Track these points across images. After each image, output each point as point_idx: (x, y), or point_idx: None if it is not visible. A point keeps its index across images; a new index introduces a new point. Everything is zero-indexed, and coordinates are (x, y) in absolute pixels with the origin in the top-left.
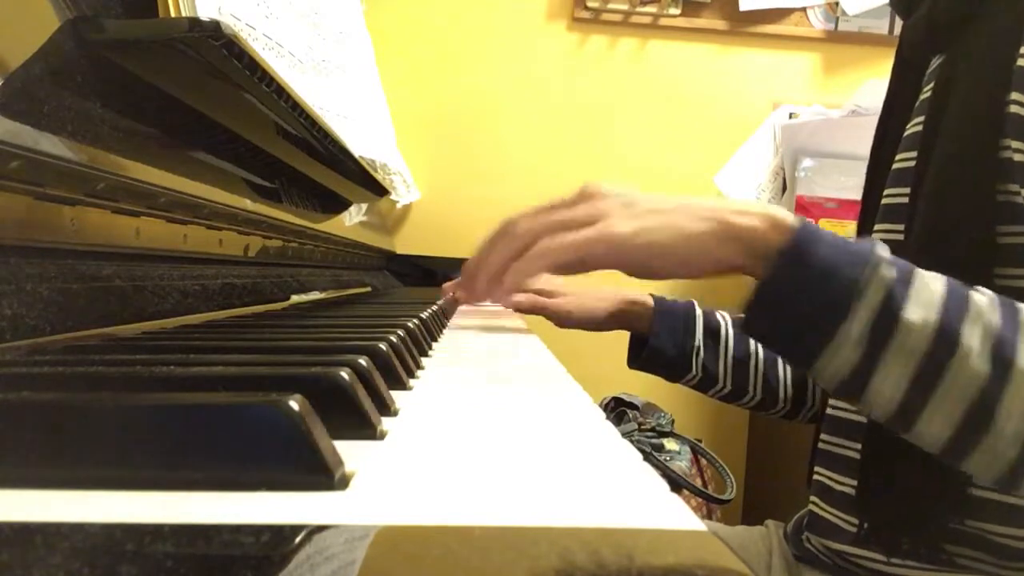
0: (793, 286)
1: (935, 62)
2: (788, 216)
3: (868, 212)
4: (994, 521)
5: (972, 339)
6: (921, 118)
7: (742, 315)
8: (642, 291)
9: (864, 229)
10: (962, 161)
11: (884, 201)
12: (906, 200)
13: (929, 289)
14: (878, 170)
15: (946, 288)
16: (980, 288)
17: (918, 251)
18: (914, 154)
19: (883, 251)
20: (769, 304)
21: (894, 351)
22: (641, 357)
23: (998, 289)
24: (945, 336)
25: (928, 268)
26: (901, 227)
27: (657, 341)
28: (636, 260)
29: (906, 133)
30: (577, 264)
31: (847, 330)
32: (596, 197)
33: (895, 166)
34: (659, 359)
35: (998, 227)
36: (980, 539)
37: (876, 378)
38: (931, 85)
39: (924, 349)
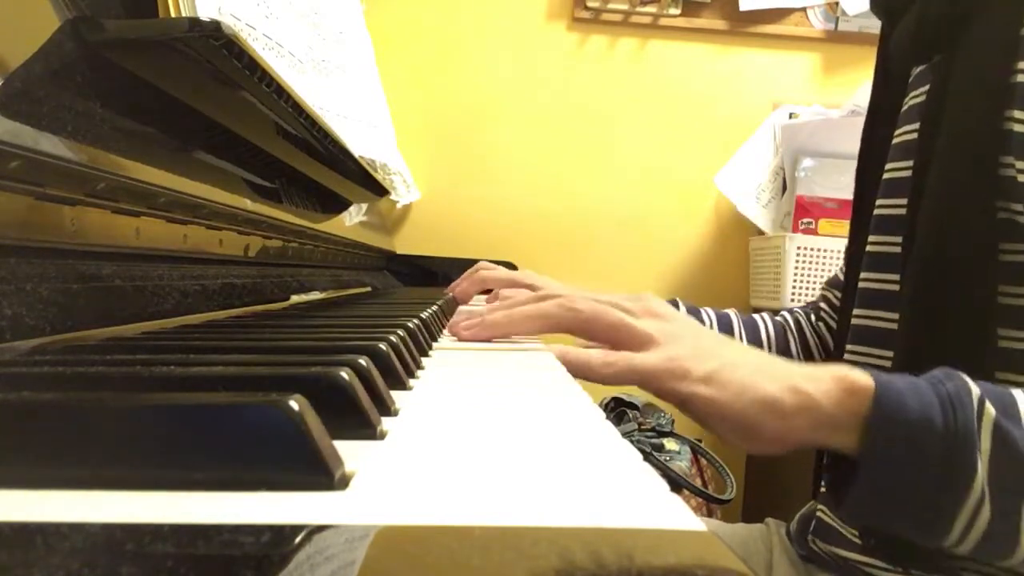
0: (900, 454)
1: (917, 69)
2: (861, 375)
3: (860, 221)
4: None
5: None
6: (910, 126)
7: (838, 502)
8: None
9: (857, 239)
10: (964, 174)
11: (878, 211)
12: (902, 211)
13: None
14: (867, 178)
15: None
16: None
17: (918, 266)
18: (907, 163)
19: (974, 385)
20: (877, 481)
21: None
22: None
23: (1004, 308)
24: None
25: (931, 285)
26: (896, 239)
27: None
28: (698, 410)
29: (895, 141)
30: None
31: (975, 488)
32: (660, 315)
33: (887, 175)
34: None
35: (1000, 245)
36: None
37: (1022, 525)
38: (920, 90)
39: None
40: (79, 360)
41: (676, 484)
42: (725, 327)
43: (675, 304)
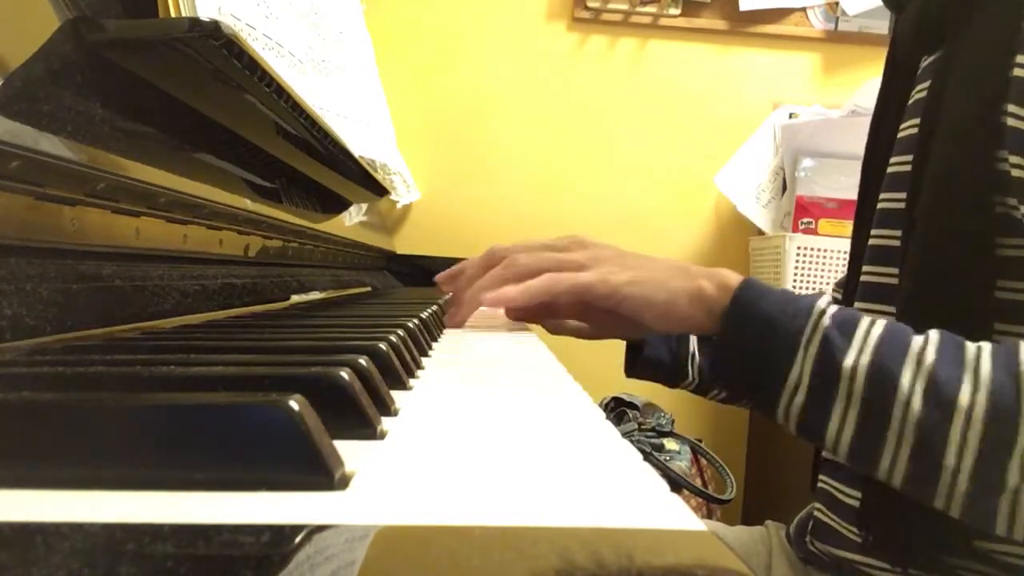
0: (740, 341)
1: (926, 60)
2: (733, 277)
3: (864, 215)
4: (999, 540)
5: (907, 380)
6: (913, 120)
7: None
8: None
9: (860, 233)
10: (961, 169)
11: (880, 205)
12: (903, 205)
13: (868, 335)
14: (872, 172)
15: (886, 332)
16: (937, 331)
17: (916, 260)
18: (909, 158)
19: (824, 303)
20: (725, 358)
21: (840, 397)
22: (637, 365)
23: (1000, 303)
24: (882, 379)
25: (929, 280)
26: (897, 232)
27: (651, 350)
28: (628, 307)
29: (900, 135)
30: (574, 300)
31: (792, 378)
32: (589, 246)
33: (890, 169)
34: (655, 368)
35: (997, 239)
36: (982, 554)
37: (830, 424)
38: (924, 85)
39: (864, 394)
40: (79, 360)
41: (676, 484)
42: None
43: None
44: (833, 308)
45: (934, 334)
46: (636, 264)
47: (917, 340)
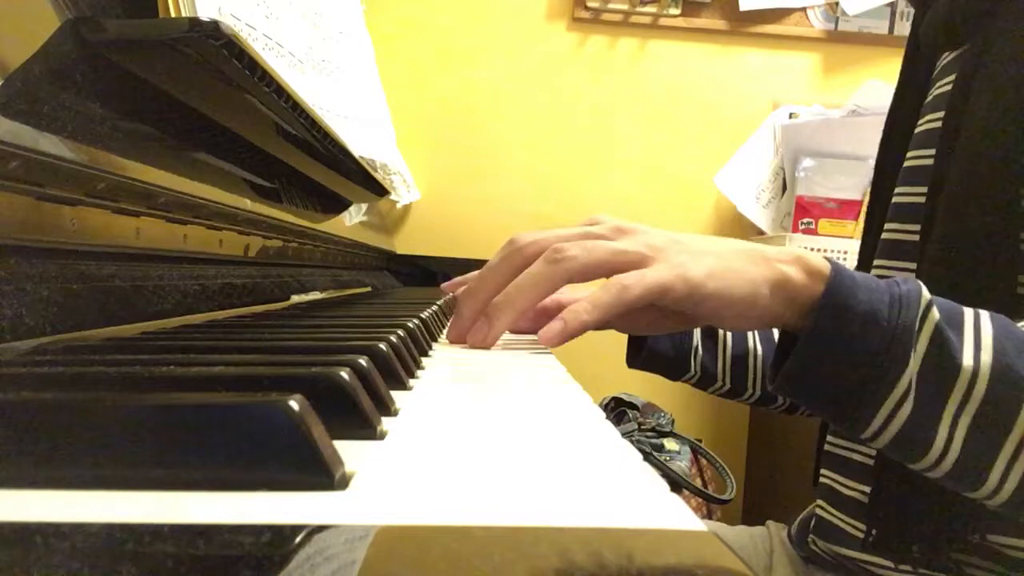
0: (838, 338)
1: (947, 57)
2: (819, 260)
3: (877, 209)
4: (1007, 534)
5: None
6: (935, 115)
7: (773, 372)
8: None
9: (872, 226)
10: (989, 163)
11: (895, 199)
12: (920, 199)
13: (979, 328)
14: (887, 167)
15: (996, 326)
16: None
17: (937, 254)
18: (928, 152)
19: (926, 289)
20: (812, 361)
21: (953, 401)
22: (640, 357)
23: (1020, 297)
24: (1007, 380)
25: (949, 272)
26: (913, 227)
27: (655, 342)
28: (709, 307)
29: (918, 130)
30: (645, 304)
31: (901, 382)
32: (632, 231)
33: (907, 163)
34: (657, 359)
35: (1022, 234)
36: (989, 549)
37: (939, 432)
38: (947, 79)
39: (986, 396)
40: (79, 360)
41: (676, 484)
42: (740, 334)
43: None
44: (931, 295)
45: None
46: (703, 249)
47: None
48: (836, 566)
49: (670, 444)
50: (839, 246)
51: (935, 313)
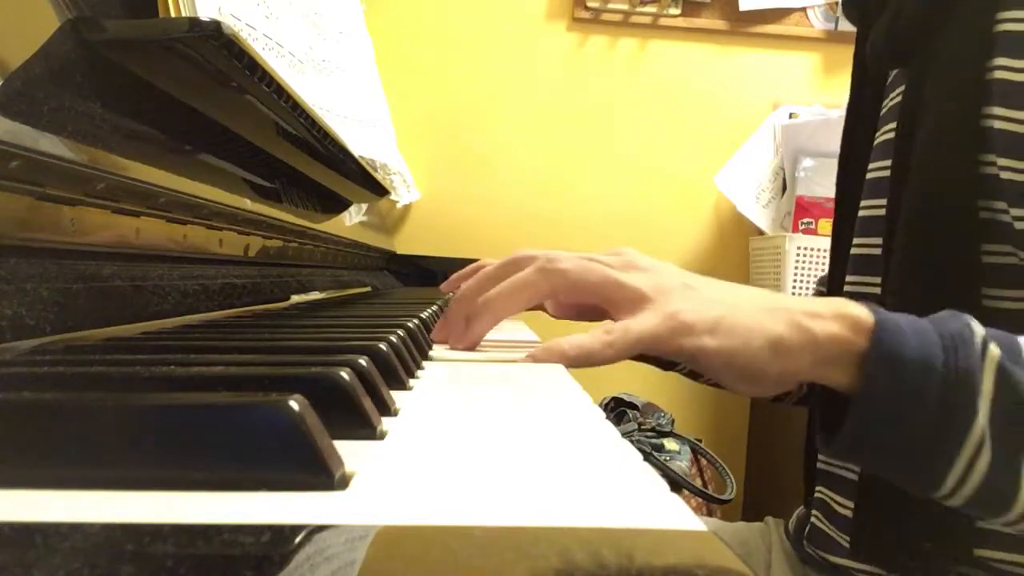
0: (896, 394)
1: (895, 72)
2: (861, 310)
3: (842, 225)
4: (1000, 549)
5: None
6: (890, 126)
7: (827, 442)
8: None
9: (840, 242)
10: (940, 178)
11: (862, 213)
12: (882, 212)
13: None
14: (848, 180)
15: None
16: None
17: (900, 270)
18: (887, 163)
19: (976, 324)
20: (869, 421)
21: None
22: None
23: (984, 310)
24: None
25: (912, 287)
26: (877, 240)
27: None
28: (708, 365)
29: (876, 142)
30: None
31: (974, 432)
32: (641, 267)
33: (870, 175)
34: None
35: (983, 246)
36: (981, 562)
37: (1022, 478)
38: (898, 91)
39: None
40: (79, 360)
41: (676, 484)
42: None
43: None
44: (984, 329)
45: None
46: (716, 298)
47: None
48: (830, 570)
49: (670, 444)
50: None
51: (994, 350)
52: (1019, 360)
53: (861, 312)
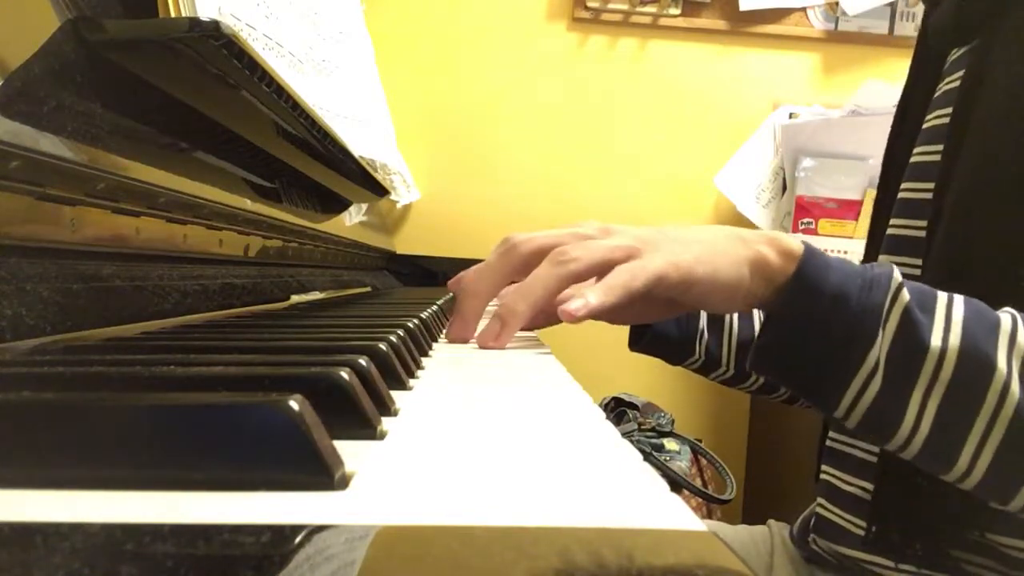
0: (807, 317)
1: (956, 53)
2: (793, 241)
3: (883, 206)
4: (1007, 534)
5: (1003, 362)
6: (943, 110)
7: (753, 351)
8: None
9: (878, 224)
10: (998, 159)
11: (901, 195)
12: (925, 195)
13: (950, 311)
14: (894, 163)
15: (968, 310)
16: (1006, 309)
17: (942, 250)
18: (935, 148)
19: (899, 273)
20: (782, 338)
21: (922, 382)
22: (643, 340)
23: None
24: (975, 362)
25: (953, 268)
26: (919, 223)
27: (660, 325)
28: (698, 292)
29: (925, 126)
30: (643, 294)
31: (868, 360)
32: (619, 231)
33: (914, 159)
34: (661, 343)
35: None
36: (989, 548)
37: (907, 413)
38: (955, 76)
39: (953, 378)
40: (79, 360)
41: (676, 484)
42: (747, 319)
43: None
44: (905, 280)
45: (1017, 315)
46: (687, 238)
47: (1005, 319)
48: (837, 566)
49: (670, 444)
50: (839, 246)
51: (905, 295)
52: (927, 309)
53: (793, 241)
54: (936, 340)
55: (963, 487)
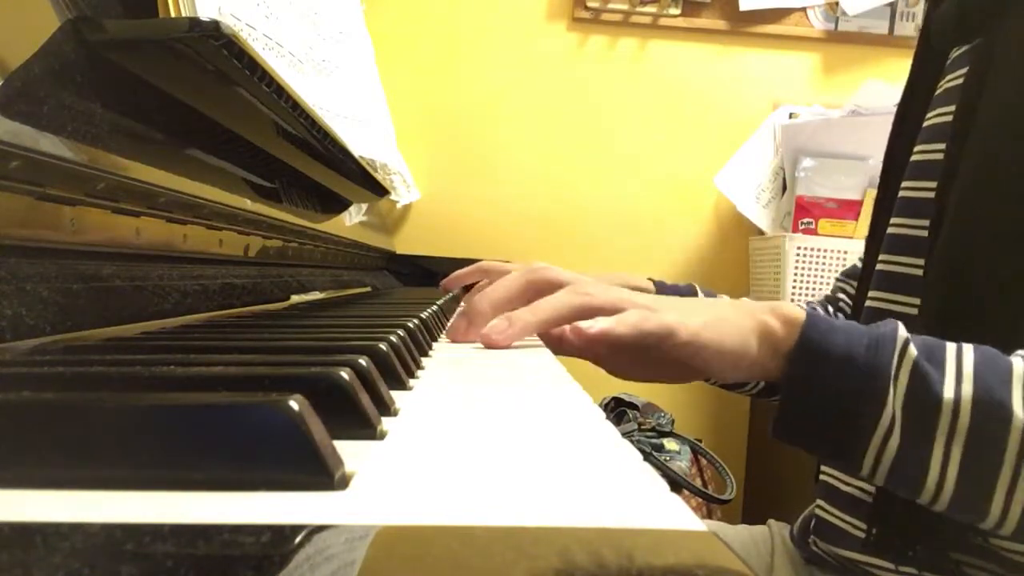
0: (816, 381)
1: (958, 51)
2: (795, 308)
3: (884, 205)
4: (1008, 538)
5: (1019, 406)
6: (944, 108)
7: (772, 424)
8: (641, 277)
9: (879, 223)
10: (1005, 155)
11: (902, 194)
12: (927, 194)
13: (960, 361)
14: (895, 162)
15: (979, 357)
16: (1018, 352)
17: (945, 249)
18: (937, 146)
19: (903, 329)
20: (796, 407)
21: (940, 433)
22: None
23: None
24: (990, 409)
25: (955, 266)
26: (920, 222)
27: None
28: (704, 356)
29: (926, 124)
30: (638, 343)
31: (883, 419)
32: (626, 301)
33: (915, 158)
34: None
35: None
36: (989, 551)
37: (931, 467)
38: (956, 74)
39: (971, 427)
40: (79, 360)
41: (676, 484)
42: None
43: (693, 290)
44: (909, 334)
45: None
46: (697, 307)
47: (1018, 364)
48: (838, 567)
49: (670, 444)
50: (839, 246)
51: (912, 350)
52: (936, 361)
53: (794, 309)
54: (949, 392)
55: (1002, 534)
